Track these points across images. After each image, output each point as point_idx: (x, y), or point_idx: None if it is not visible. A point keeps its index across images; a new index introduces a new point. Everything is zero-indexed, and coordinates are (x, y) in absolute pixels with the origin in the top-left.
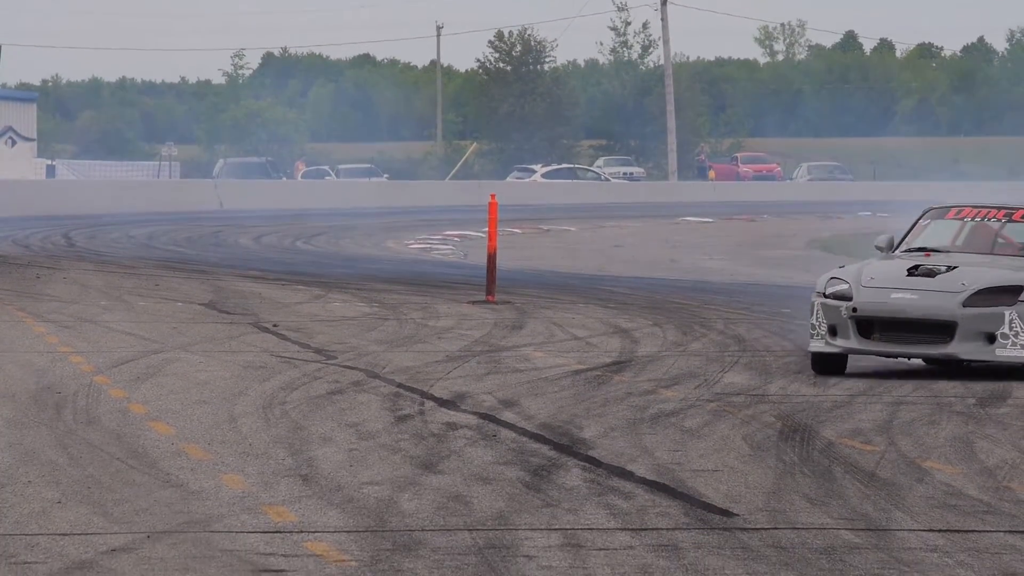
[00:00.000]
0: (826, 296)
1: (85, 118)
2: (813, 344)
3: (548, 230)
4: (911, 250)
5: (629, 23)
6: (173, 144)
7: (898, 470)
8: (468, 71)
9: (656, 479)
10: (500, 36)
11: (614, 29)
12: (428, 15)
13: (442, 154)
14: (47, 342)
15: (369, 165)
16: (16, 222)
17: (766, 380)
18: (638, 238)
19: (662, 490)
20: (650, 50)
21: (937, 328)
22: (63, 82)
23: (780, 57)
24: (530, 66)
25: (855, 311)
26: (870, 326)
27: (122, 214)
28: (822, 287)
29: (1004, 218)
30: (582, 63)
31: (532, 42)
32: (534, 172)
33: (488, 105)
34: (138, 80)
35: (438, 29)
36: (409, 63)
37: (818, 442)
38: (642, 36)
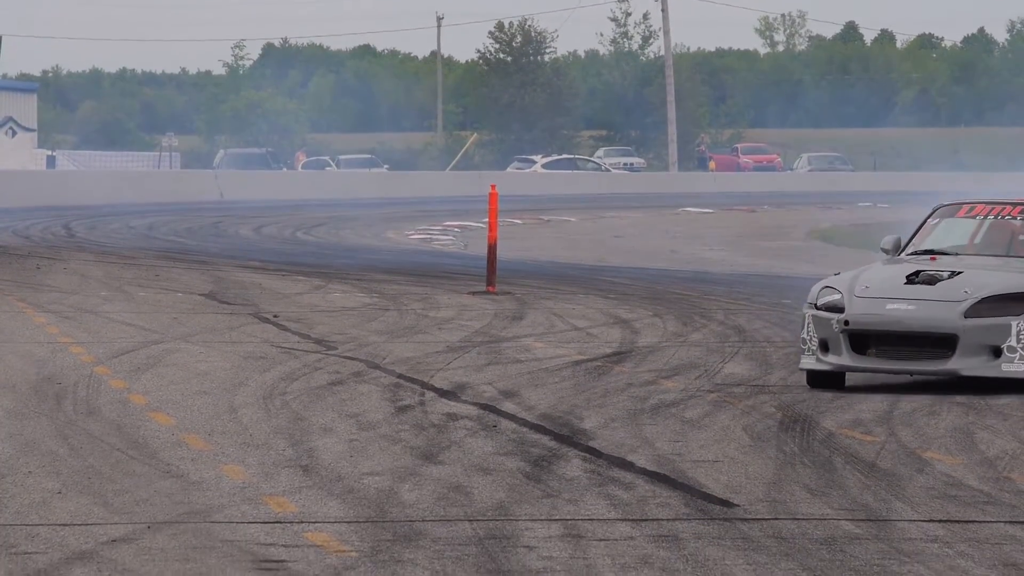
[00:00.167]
0: (817, 307)
1: (85, 109)
2: (804, 360)
3: (548, 221)
4: (919, 252)
5: (629, 14)
6: (173, 135)
7: (898, 461)
8: (468, 62)
9: (656, 470)
10: (500, 27)
11: (614, 20)
12: (428, 6)
13: (442, 145)
14: (47, 332)
15: (369, 156)
16: (16, 212)
17: (766, 371)
18: (638, 229)
19: (662, 481)
20: (650, 41)
21: (936, 342)
22: (63, 72)
23: (780, 48)
24: (530, 57)
25: (847, 324)
26: (864, 341)
27: (122, 205)
28: (814, 297)
29: (1021, 215)
30: (582, 54)
31: (532, 33)
32: (534, 163)
33: (488, 96)
34: (138, 71)
35: (438, 20)
36: (410, 54)
37: (818, 433)
38: (642, 27)
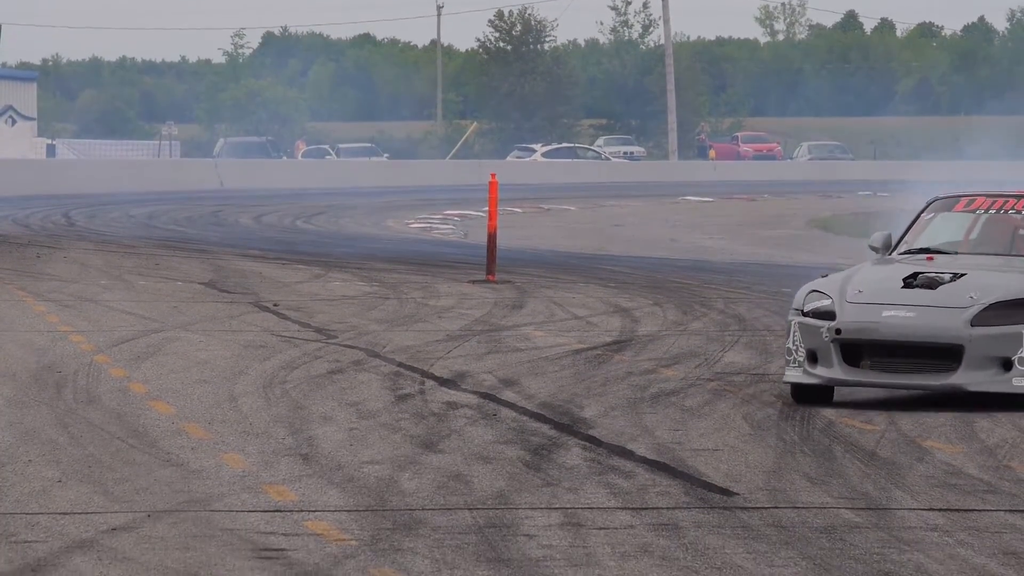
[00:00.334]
0: (805, 314)
1: (85, 97)
2: (789, 373)
3: (548, 209)
4: (912, 251)
5: (629, 2)
6: (173, 123)
7: (898, 449)
8: (468, 51)
9: (656, 458)
10: (500, 16)
11: (614, 8)
12: None
13: (442, 134)
14: (47, 321)
15: (369, 144)
16: (16, 201)
17: (766, 359)
18: (638, 217)
19: (662, 469)
20: (650, 30)
21: (940, 353)
22: (63, 61)
23: (780, 37)
24: (530, 46)
25: (838, 333)
26: (858, 351)
27: (122, 193)
28: (800, 303)
29: None
30: (582, 43)
31: (532, 22)
32: (534, 151)
33: (488, 85)
34: (138, 59)
35: (438, 8)
36: (409, 42)
37: (818, 421)
38: (642, 16)
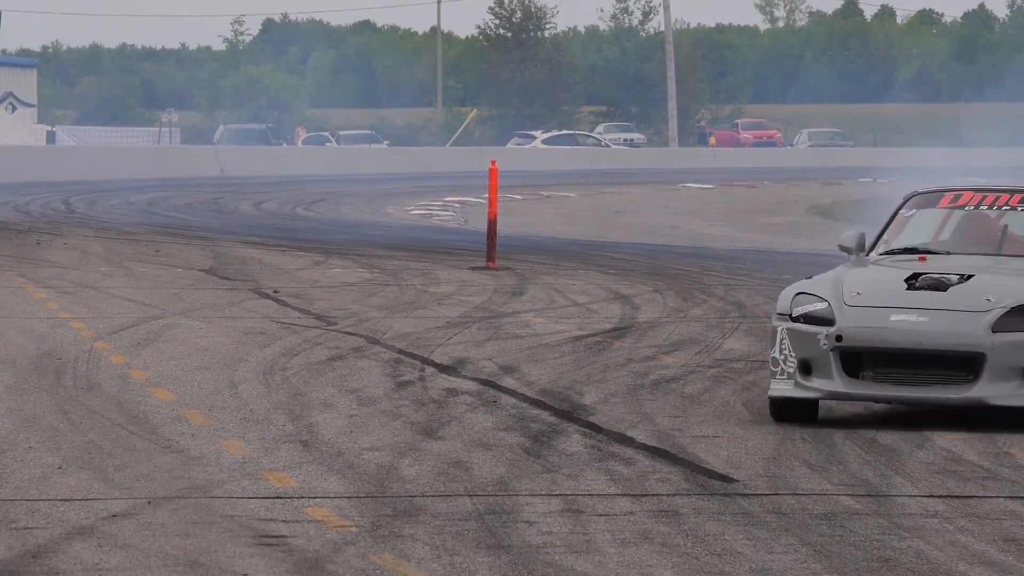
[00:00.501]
0: (794, 319)
1: (85, 84)
2: (776, 386)
3: (548, 196)
4: (894, 251)
5: None
6: (173, 110)
7: (898, 436)
8: (468, 37)
9: (656, 445)
10: (500, 3)
11: None
12: None
13: (442, 120)
14: (47, 308)
15: (369, 131)
16: (16, 188)
17: (767, 346)
18: (638, 204)
19: (662, 456)
20: (650, 16)
21: (956, 363)
22: (63, 48)
23: (781, 23)
24: (530, 32)
25: (839, 340)
26: (858, 361)
27: (122, 180)
28: (786, 307)
29: (1020, 204)
30: (582, 29)
31: (532, 8)
32: (534, 138)
33: (488, 71)
34: (138, 46)
35: None
36: (410, 29)
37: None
38: (643, 2)
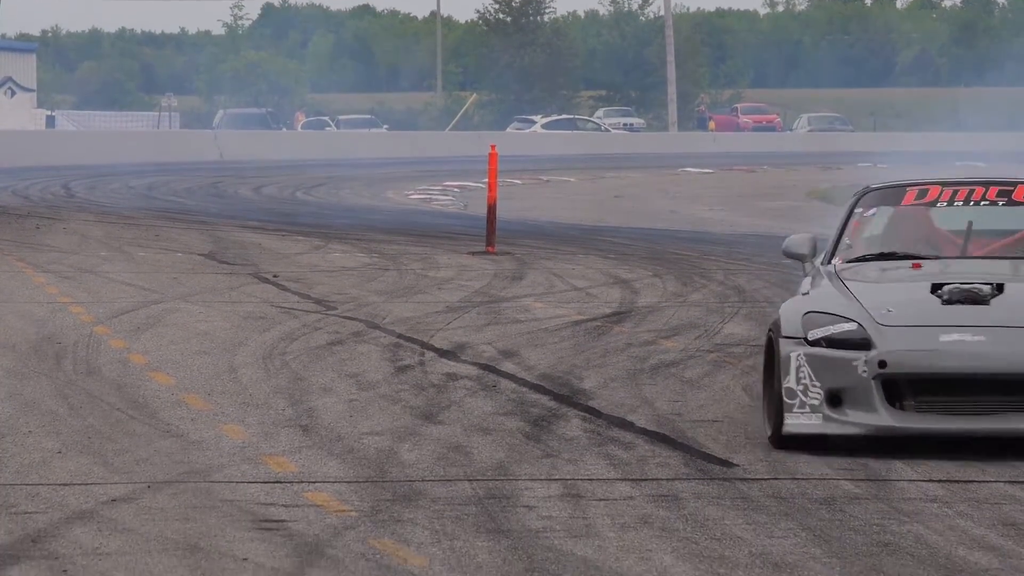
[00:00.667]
0: (811, 343)
1: (85, 69)
2: (794, 421)
3: (548, 181)
4: (866, 258)
5: None
6: (173, 95)
7: None
8: (468, 22)
9: (656, 429)
10: None
11: None
12: None
13: (442, 105)
14: (47, 292)
15: (369, 116)
16: (16, 172)
17: (766, 331)
18: (638, 189)
19: (662, 440)
20: (650, 1)
21: (1017, 387)
22: (63, 32)
23: (780, 8)
24: (530, 17)
25: (882, 367)
26: (898, 389)
27: (122, 165)
28: (797, 329)
29: (998, 198)
30: (582, 14)
31: None
32: (534, 123)
33: (488, 56)
34: (138, 31)
35: None
36: (409, 14)
37: None
38: None
